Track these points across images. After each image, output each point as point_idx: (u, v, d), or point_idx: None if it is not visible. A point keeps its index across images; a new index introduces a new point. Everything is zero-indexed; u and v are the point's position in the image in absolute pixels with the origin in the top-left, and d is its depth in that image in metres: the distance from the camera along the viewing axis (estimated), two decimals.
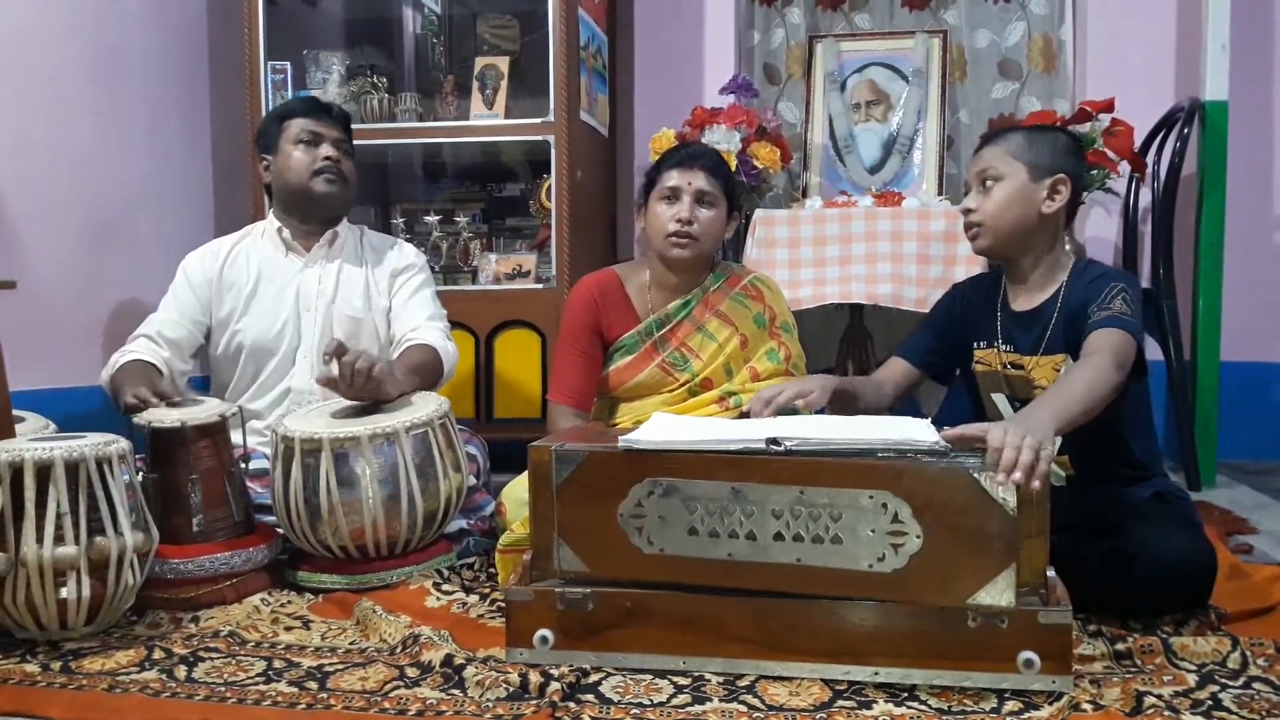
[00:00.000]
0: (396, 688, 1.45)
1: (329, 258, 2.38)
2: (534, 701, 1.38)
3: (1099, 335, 1.70)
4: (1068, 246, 1.92)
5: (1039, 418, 1.48)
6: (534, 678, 1.42)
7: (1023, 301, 1.91)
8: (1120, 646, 1.53)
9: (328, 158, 2.33)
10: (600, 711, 1.36)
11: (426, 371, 2.22)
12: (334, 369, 1.97)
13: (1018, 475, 1.37)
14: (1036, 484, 1.38)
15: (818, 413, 1.87)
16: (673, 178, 2.10)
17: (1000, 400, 1.93)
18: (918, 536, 1.41)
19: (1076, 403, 1.56)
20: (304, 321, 2.33)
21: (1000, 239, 1.86)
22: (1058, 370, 1.81)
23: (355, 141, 2.46)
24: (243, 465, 2.00)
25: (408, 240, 2.74)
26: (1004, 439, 1.39)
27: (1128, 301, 1.74)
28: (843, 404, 1.94)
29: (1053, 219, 1.85)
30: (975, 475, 1.39)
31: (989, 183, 1.85)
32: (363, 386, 1.97)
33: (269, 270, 2.36)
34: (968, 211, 1.89)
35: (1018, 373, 1.89)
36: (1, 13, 2.52)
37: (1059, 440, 1.76)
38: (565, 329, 2.18)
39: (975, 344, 1.97)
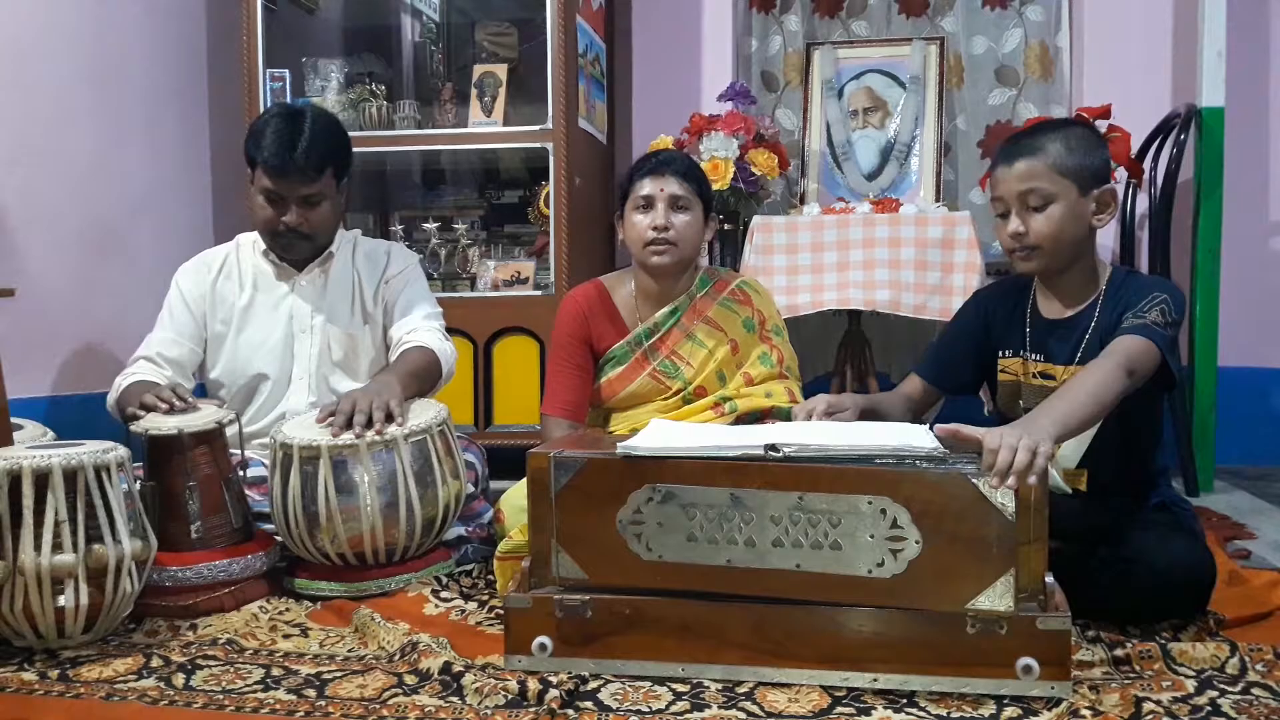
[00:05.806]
0: (395, 695, 1.44)
1: (321, 277, 2.30)
2: (532, 709, 1.38)
3: (1119, 340, 1.65)
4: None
5: (1039, 423, 1.48)
6: (532, 685, 1.42)
7: (1055, 310, 1.84)
8: (1119, 652, 1.53)
9: (287, 226, 2.18)
10: (599, 718, 1.36)
11: (426, 375, 2.18)
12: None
13: (1011, 481, 1.37)
14: (1033, 479, 1.37)
15: None
16: (645, 186, 2.10)
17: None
18: (917, 542, 1.41)
19: (1080, 408, 1.54)
20: (298, 344, 2.28)
21: (1057, 260, 1.78)
22: None
23: (354, 149, 2.37)
24: (241, 472, 2.00)
25: (407, 247, 2.72)
26: (1000, 441, 1.38)
27: (1165, 313, 1.68)
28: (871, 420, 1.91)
29: (1094, 229, 1.78)
30: (974, 481, 1.39)
31: (1036, 202, 1.74)
32: (378, 417, 1.94)
33: (262, 289, 2.30)
34: (1018, 235, 1.76)
35: (1047, 383, 1.81)
36: (1, 22, 2.52)
37: (1080, 451, 1.74)
38: (555, 343, 2.18)
39: (1001, 352, 1.91)
